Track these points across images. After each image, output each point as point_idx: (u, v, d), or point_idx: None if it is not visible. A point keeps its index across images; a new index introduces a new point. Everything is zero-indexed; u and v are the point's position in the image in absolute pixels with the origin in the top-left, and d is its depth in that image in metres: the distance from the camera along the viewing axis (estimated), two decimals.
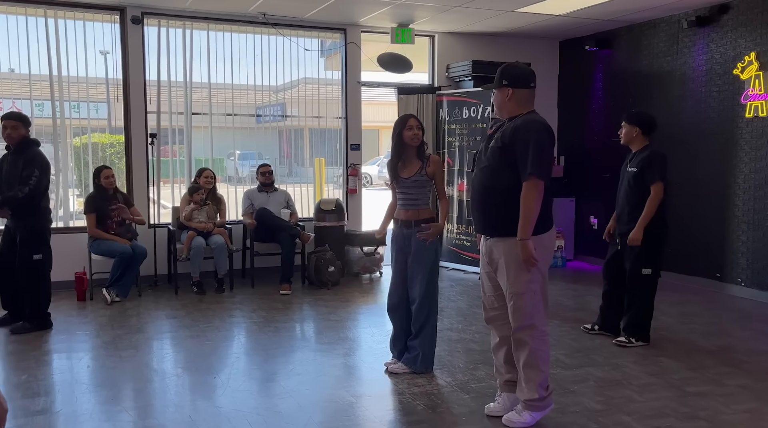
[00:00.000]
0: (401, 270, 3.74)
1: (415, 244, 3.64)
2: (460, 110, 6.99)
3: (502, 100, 2.87)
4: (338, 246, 6.57)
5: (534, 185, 2.72)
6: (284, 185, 6.97)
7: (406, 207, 3.66)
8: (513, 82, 2.88)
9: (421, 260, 3.65)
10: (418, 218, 3.63)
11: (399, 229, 3.70)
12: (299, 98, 6.95)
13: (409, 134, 3.67)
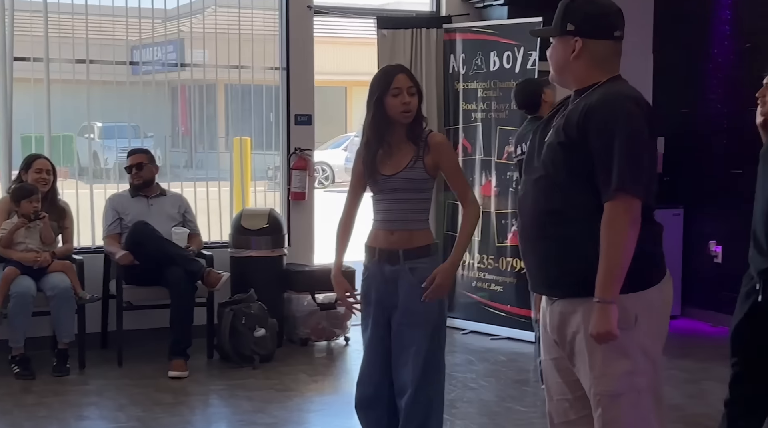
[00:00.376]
0: (380, 339, 3.69)
1: (407, 292, 3.60)
2: (486, 56, 6.89)
3: (564, 57, 2.81)
4: (272, 293, 6.35)
5: (625, 206, 2.62)
6: (179, 186, 6.80)
7: (389, 227, 3.63)
8: (584, 27, 2.78)
9: (417, 321, 3.61)
10: (410, 246, 3.60)
11: (377, 266, 3.66)
12: (206, 32, 6.89)
13: (395, 103, 3.58)
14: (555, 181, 2.75)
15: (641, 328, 2.71)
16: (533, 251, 2.83)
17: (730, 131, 7.22)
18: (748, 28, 7.06)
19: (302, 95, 6.94)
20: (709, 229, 7.43)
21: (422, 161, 3.61)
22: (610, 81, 2.77)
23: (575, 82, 2.82)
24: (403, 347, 3.64)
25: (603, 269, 2.63)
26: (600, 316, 2.65)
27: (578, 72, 2.80)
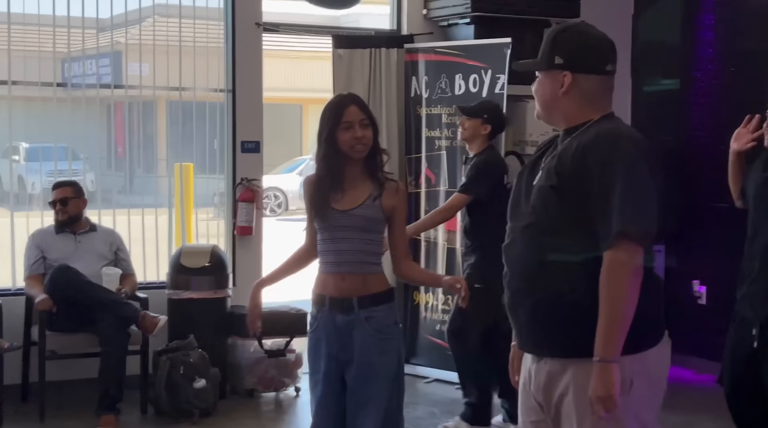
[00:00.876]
0: (334, 395, 3.66)
1: (363, 344, 3.59)
2: (451, 79, 6.79)
3: (552, 92, 2.82)
4: (215, 339, 6.23)
5: (627, 254, 2.62)
6: (111, 217, 6.67)
7: (340, 270, 3.63)
8: (573, 61, 2.78)
9: (374, 374, 3.60)
10: (365, 293, 3.60)
11: (328, 316, 3.64)
12: (144, 45, 6.78)
13: (346, 137, 3.59)
14: (546, 228, 2.75)
15: (636, 394, 2.70)
16: (521, 304, 2.82)
17: (713, 161, 7.03)
18: (732, 51, 7.03)
19: (250, 120, 6.83)
20: (693, 268, 7.40)
21: (380, 201, 3.63)
22: (604, 119, 2.77)
23: (564, 121, 2.81)
24: (359, 403, 3.61)
25: (604, 325, 2.62)
26: (600, 378, 2.63)
27: (567, 109, 2.79)
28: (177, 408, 5.71)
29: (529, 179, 2.85)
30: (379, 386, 3.61)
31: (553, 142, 2.87)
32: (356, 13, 7.62)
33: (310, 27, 7.47)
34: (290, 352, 6.32)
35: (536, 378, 2.83)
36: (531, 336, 2.83)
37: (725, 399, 4.31)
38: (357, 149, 3.59)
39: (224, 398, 6.12)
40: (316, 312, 3.68)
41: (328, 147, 3.61)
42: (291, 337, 6.32)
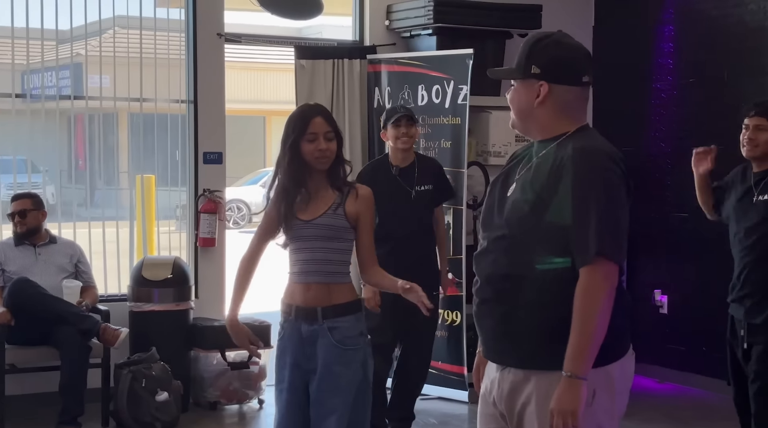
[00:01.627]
0: (297, 406, 3.66)
1: (327, 354, 3.59)
2: (414, 90, 6.76)
3: (527, 102, 2.79)
4: (177, 351, 6.22)
5: (604, 273, 2.62)
6: (71, 230, 6.63)
7: (305, 279, 3.64)
8: (550, 71, 2.75)
9: (338, 385, 3.60)
10: (329, 303, 3.60)
11: (293, 325, 3.65)
12: (104, 56, 6.73)
13: (310, 149, 3.62)
14: (519, 241, 2.72)
15: (599, 405, 2.68)
16: (490, 314, 2.80)
17: (673, 172, 7.19)
18: (691, 62, 7.08)
19: (212, 131, 6.79)
20: (654, 277, 7.42)
21: (343, 209, 3.63)
22: (581, 131, 2.75)
23: (539, 131, 2.78)
24: (322, 415, 3.60)
25: (576, 341, 2.61)
26: (568, 393, 2.61)
27: (543, 120, 2.76)
28: (139, 421, 5.66)
29: (502, 191, 2.82)
30: (342, 398, 3.58)
31: (527, 152, 2.83)
32: (318, 24, 7.61)
33: (273, 38, 7.46)
34: (254, 364, 6.28)
35: (500, 387, 2.81)
36: (496, 346, 2.82)
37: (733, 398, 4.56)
38: (320, 161, 3.59)
39: (187, 411, 6.10)
40: (284, 321, 3.67)
41: (291, 156, 3.59)
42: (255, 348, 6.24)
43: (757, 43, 6.52)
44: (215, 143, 6.74)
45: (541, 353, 2.68)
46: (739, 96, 6.16)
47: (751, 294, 4.36)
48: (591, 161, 2.64)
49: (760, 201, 4.37)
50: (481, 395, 2.91)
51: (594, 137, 2.76)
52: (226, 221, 6.97)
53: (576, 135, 2.72)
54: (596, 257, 2.58)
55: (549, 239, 2.67)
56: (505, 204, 2.76)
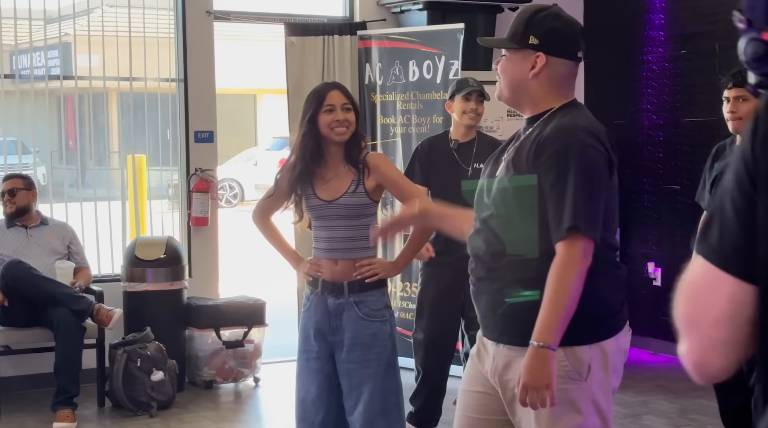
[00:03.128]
0: (325, 373, 3.70)
1: (354, 327, 3.63)
2: (405, 65, 6.79)
3: (522, 73, 2.78)
4: (172, 331, 6.24)
5: (577, 248, 2.62)
6: (63, 210, 6.65)
7: (331, 256, 3.65)
8: (549, 42, 2.75)
9: (367, 357, 3.63)
10: (355, 277, 3.64)
11: (319, 298, 3.69)
12: (93, 36, 6.70)
13: (329, 120, 3.61)
14: (505, 220, 2.74)
15: (594, 381, 2.69)
16: (484, 292, 2.83)
17: (665, 144, 7.21)
18: (682, 34, 7.07)
19: (203, 109, 6.78)
20: (647, 249, 7.43)
21: (363, 186, 3.64)
22: (567, 107, 2.76)
23: (530, 105, 2.78)
24: (354, 387, 3.64)
25: (547, 313, 2.61)
26: (538, 364, 2.59)
27: (535, 93, 2.76)
28: (135, 401, 5.70)
29: (492, 171, 2.84)
30: (372, 369, 3.62)
31: (516, 134, 2.84)
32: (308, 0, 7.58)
33: (262, 15, 7.42)
34: (249, 342, 6.31)
35: (495, 362, 2.84)
36: (491, 323, 2.85)
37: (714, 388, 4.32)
38: (338, 132, 3.58)
39: (182, 390, 6.13)
40: (310, 293, 3.70)
41: (308, 130, 3.60)
42: (249, 328, 6.33)
43: None
44: (206, 122, 6.74)
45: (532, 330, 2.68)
46: (730, 67, 6.08)
47: None
48: (568, 136, 2.64)
49: None
50: (472, 355, 2.93)
51: (578, 113, 2.75)
52: (218, 200, 6.96)
53: (561, 111, 2.72)
54: (570, 232, 2.59)
55: (532, 218, 2.68)
56: (493, 184, 2.77)
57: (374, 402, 3.62)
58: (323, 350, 3.69)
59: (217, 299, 6.56)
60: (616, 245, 2.79)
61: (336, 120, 3.58)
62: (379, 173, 3.66)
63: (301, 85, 6.75)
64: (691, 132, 6.63)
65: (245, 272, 10.52)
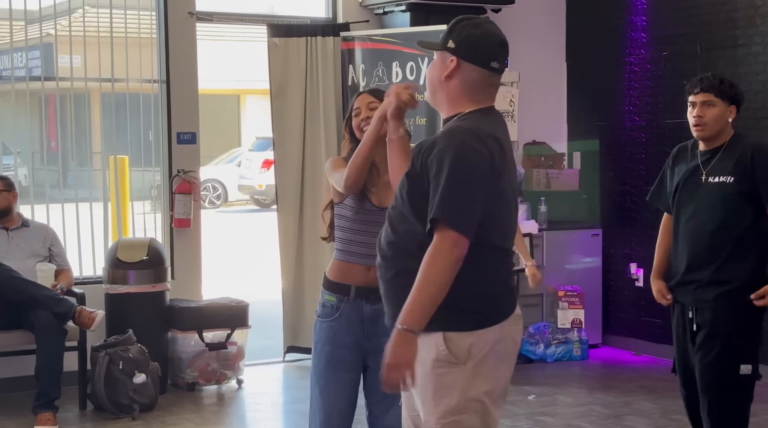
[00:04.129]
0: (354, 383, 3.69)
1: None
2: (388, 67, 6.77)
3: (439, 74, 2.92)
4: (154, 333, 6.26)
5: (445, 240, 2.75)
6: (44, 211, 6.63)
7: (368, 262, 3.57)
8: (463, 47, 2.88)
9: None
10: None
11: (352, 305, 3.65)
12: (74, 36, 6.69)
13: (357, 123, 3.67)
14: (399, 212, 2.88)
15: (475, 365, 2.79)
16: (381, 280, 2.95)
17: (648, 145, 7.22)
18: (664, 35, 7.10)
19: (185, 110, 6.77)
20: (629, 250, 7.45)
21: None
22: (476, 112, 2.85)
23: (444, 107, 2.89)
24: (384, 397, 3.58)
25: (413, 298, 2.72)
26: (402, 345, 2.71)
27: (449, 95, 2.87)
28: (117, 403, 5.67)
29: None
30: None
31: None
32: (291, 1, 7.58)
33: (245, 16, 7.40)
34: (232, 344, 6.29)
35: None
36: (386, 309, 2.96)
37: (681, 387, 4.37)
38: (363, 127, 3.59)
39: (165, 392, 6.11)
40: (339, 301, 3.64)
41: (351, 136, 3.67)
42: (232, 329, 6.31)
43: (728, 15, 6.53)
44: (189, 123, 6.73)
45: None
46: (711, 68, 6.16)
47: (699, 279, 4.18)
48: (452, 137, 2.75)
49: (712, 183, 4.15)
50: None
51: (481, 118, 2.83)
52: (201, 201, 6.94)
53: (468, 115, 2.82)
54: (438, 224, 2.69)
55: (418, 211, 2.81)
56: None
57: None
58: (356, 358, 3.67)
59: (200, 301, 6.54)
60: (506, 247, 2.87)
61: (361, 119, 3.62)
62: None
63: (285, 86, 6.73)
64: (672, 133, 6.64)
65: (228, 273, 10.50)
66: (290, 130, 6.76)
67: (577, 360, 7.13)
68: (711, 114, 3.99)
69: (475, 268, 2.78)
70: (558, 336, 6.94)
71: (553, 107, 7.59)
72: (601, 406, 5.90)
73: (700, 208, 4.07)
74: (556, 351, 6.91)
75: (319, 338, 3.68)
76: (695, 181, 4.08)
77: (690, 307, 4.12)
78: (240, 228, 15.61)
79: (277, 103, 6.74)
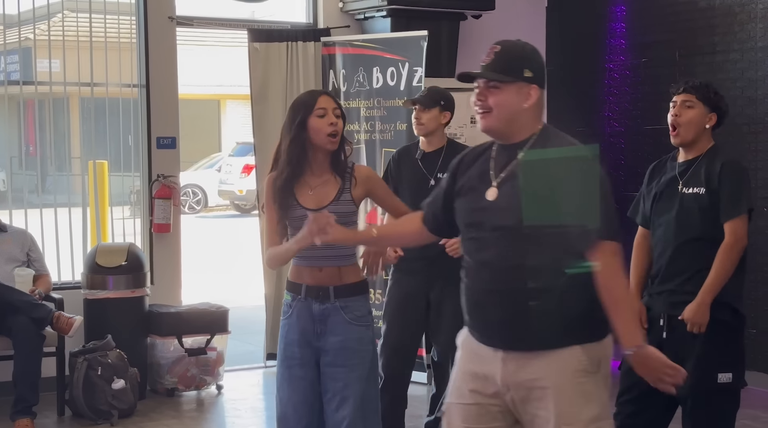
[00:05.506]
0: (308, 380, 3.71)
1: (341, 331, 3.66)
2: (368, 72, 6.78)
3: (517, 104, 2.93)
4: (133, 338, 6.23)
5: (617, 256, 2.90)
6: (23, 216, 6.59)
7: (316, 263, 3.64)
8: (539, 76, 2.94)
9: (351, 362, 3.67)
10: (340, 283, 3.66)
11: (303, 303, 3.68)
12: (54, 40, 6.70)
13: (321, 124, 3.59)
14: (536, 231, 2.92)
15: (603, 374, 2.90)
16: (499, 304, 2.91)
17: (627, 151, 7.21)
18: (643, 42, 7.10)
19: (165, 115, 6.75)
20: None
21: (349, 194, 3.64)
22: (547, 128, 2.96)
23: (520, 133, 2.91)
24: (337, 390, 3.66)
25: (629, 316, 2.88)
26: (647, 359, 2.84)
27: (527, 121, 2.91)
28: (95, 409, 5.65)
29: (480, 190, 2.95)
30: (357, 373, 3.64)
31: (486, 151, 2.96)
32: (272, 5, 7.59)
33: (225, 21, 7.39)
34: (211, 350, 6.28)
35: (504, 366, 2.94)
36: (509, 333, 2.95)
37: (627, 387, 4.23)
38: (330, 140, 3.55)
39: (144, 398, 6.10)
40: (291, 300, 3.68)
41: (296, 135, 3.55)
42: (212, 335, 6.30)
43: (707, 22, 6.56)
44: (168, 128, 6.70)
45: (573, 332, 2.85)
46: (690, 75, 6.19)
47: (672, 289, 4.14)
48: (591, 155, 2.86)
49: (687, 194, 4.12)
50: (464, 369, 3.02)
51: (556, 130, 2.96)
52: (181, 206, 6.94)
53: (546, 132, 2.91)
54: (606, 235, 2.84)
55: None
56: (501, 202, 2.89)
57: (357, 406, 3.64)
58: (307, 356, 3.69)
59: (180, 307, 6.53)
60: None
61: (330, 124, 3.54)
62: (370, 186, 3.68)
63: (265, 91, 6.72)
64: (652, 139, 6.65)
65: (208, 279, 10.47)
66: (271, 135, 6.74)
67: None
68: (688, 115, 3.94)
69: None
70: None
71: None
72: None
73: (675, 218, 4.05)
74: None
75: (280, 336, 3.72)
76: (672, 192, 4.06)
77: (662, 315, 4.12)
78: (220, 233, 15.56)
79: (257, 108, 6.72)
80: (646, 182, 4.19)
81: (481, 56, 3.07)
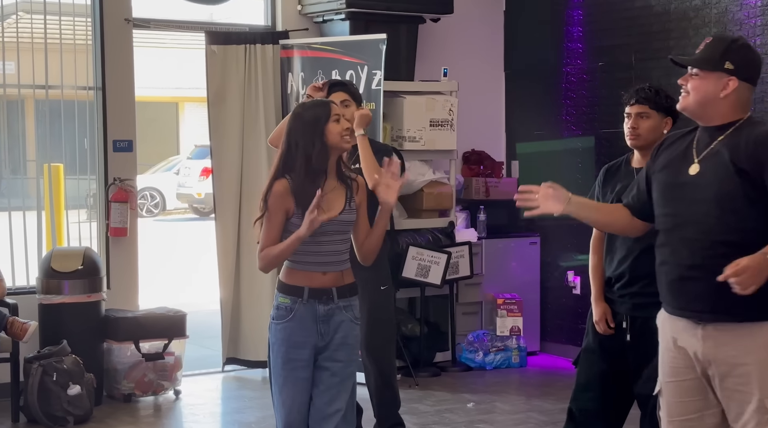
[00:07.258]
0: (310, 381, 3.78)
1: (346, 328, 3.78)
2: (327, 75, 6.74)
3: (714, 92, 3.18)
4: (89, 343, 6.21)
5: None
6: None
7: (321, 269, 3.72)
8: (742, 70, 3.18)
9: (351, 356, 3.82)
10: (341, 284, 3.76)
11: (306, 306, 3.73)
12: (8, 42, 6.67)
13: (337, 131, 3.65)
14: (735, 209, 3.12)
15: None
16: (704, 278, 3.07)
17: (584, 154, 7.26)
18: (600, 46, 7.16)
19: (121, 118, 6.72)
20: (567, 259, 7.51)
21: (355, 202, 3.73)
22: (751, 118, 3.19)
23: (718, 118, 3.16)
24: (332, 384, 3.75)
25: None
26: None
27: (723, 110, 3.15)
28: (50, 415, 5.63)
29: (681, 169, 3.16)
30: (351, 369, 3.79)
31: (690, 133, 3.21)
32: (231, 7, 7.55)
33: (183, 23, 7.34)
34: (169, 355, 6.26)
35: (705, 341, 3.12)
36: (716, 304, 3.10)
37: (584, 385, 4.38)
38: (346, 140, 3.61)
39: (100, 404, 6.09)
40: (292, 303, 3.70)
41: (320, 143, 3.58)
42: (169, 339, 6.27)
43: (663, 26, 6.62)
44: (125, 131, 6.67)
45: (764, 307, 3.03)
46: (646, 79, 6.21)
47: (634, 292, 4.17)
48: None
49: None
50: (671, 345, 3.21)
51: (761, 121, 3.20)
52: (138, 210, 6.91)
53: (749, 121, 3.15)
54: None
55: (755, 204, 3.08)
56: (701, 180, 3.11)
57: (349, 400, 3.77)
58: (310, 357, 3.76)
59: (137, 311, 6.52)
60: None
61: (345, 128, 3.62)
62: (363, 195, 3.74)
63: (223, 93, 6.69)
64: (609, 143, 6.71)
65: (166, 283, 10.39)
66: (228, 138, 6.71)
67: (516, 367, 7.15)
68: (645, 126, 4.03)
69: None
70: (497, 344, 6.96)
71: (492, 117, 7.61)
72: (539, 413, 5.94)
73: None
74: (495, 359, 6.92)
75: (276, 339, 3.73)
76: None
77: (625, 318, 4.13)
78: (178, 237, 15.46)
79: (214, 110, 6.68)
80: (600, 185, 4.19)
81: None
